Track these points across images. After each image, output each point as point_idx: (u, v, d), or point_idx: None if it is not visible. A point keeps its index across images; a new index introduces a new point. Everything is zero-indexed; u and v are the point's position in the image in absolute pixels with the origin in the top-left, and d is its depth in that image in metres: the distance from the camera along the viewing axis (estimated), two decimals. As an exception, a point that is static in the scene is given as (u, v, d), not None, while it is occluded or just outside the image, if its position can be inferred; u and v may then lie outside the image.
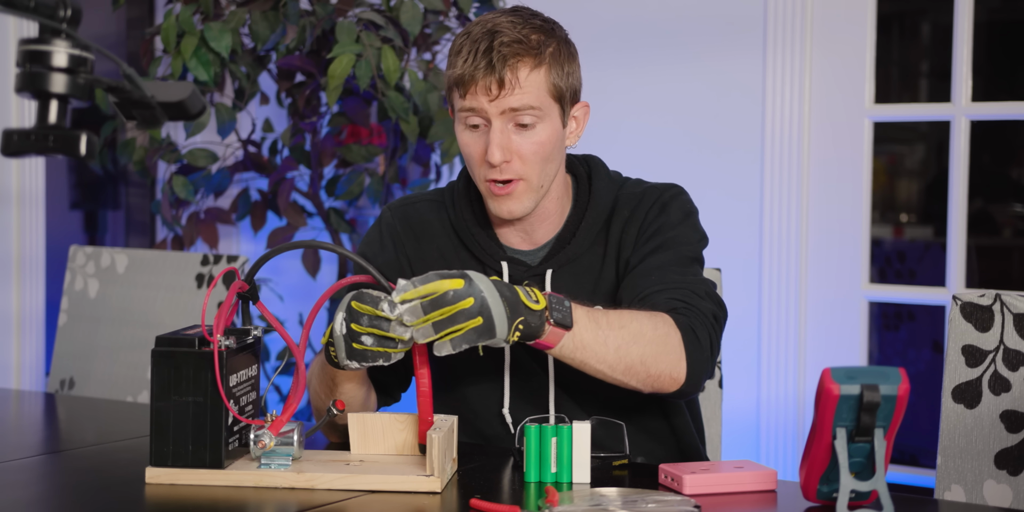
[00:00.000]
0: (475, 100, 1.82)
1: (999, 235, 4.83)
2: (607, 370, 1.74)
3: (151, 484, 1.63)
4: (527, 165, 1.84)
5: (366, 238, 2.04)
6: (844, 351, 3.27)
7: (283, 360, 3.44)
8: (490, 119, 1.82)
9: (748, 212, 3.31)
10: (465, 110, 1.84)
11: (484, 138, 1.84)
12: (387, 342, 1.64)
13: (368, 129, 3.41)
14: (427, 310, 1.58)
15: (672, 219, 1.92)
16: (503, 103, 1.81)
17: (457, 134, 1.89)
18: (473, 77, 1.81)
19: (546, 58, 1.83)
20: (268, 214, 3.52)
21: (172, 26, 3.20)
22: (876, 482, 1.46)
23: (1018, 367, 1.88)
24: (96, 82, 1.29)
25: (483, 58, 1.80)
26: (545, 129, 1.85)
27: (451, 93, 1.87)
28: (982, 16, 3.27)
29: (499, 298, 1.60)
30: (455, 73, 1.83)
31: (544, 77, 1.83)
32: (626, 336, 1.72)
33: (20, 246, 4.04)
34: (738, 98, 3.33)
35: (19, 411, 2.41)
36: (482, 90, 1.81)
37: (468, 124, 1.85)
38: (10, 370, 4.04)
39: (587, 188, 1.96)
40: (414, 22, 3.15)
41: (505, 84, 1.80)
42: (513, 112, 1.82)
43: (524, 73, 1.81)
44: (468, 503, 1.54)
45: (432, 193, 2.04)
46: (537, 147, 1.84)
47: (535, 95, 1.82)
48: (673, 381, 1.77)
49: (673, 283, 1.85)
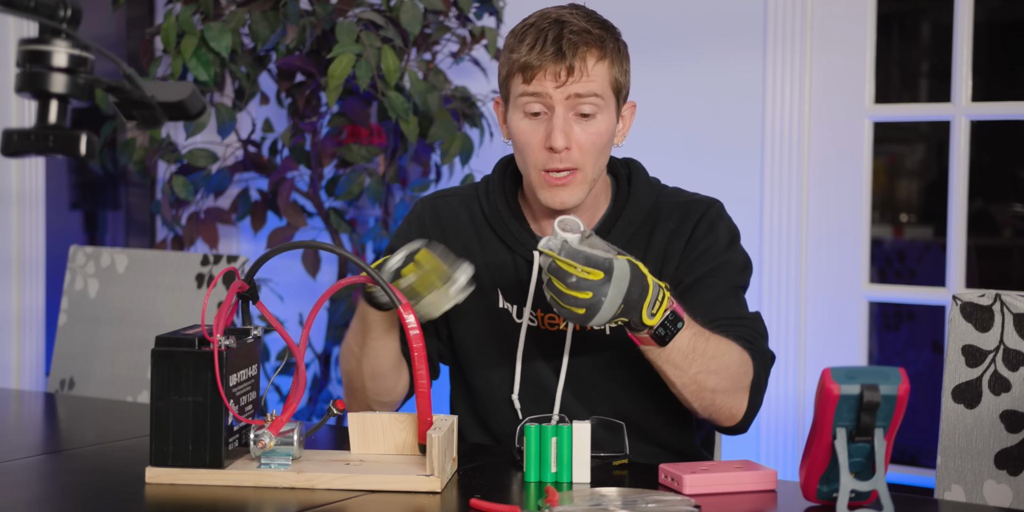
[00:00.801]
0: (541, 85, 1.84)
1: (999, 235, 4.83)
2: (678, 384, 1.80)
3: (151, 484, 1.64)
4: (585, 155, 1.87)
5: (397, 230, 2.07)
6: (844, 351, 3.27)
7: (283, 360, 3.44)
8: (553, 106, 1.85)
9: (748, 212, 3.31)
10: (528, 95, 1.86)
11: (544, 126, 1.87)
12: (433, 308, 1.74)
13: (368, 129, 3.41)
14: (555, 273, 1.63)
15: (720, 241, 1.96)
16: (569, 89, 1.84)
17: (512, 123, 1.90)
18: (541, 62, 1.84)
19: (609, 51, 1.88)
20: (268, 214, 3.52)
21: (172, 26, 3.20)
22: (876, 482, 1.46)
23: (1018, 367, 1.88)
24: (96, 82, 1.29)
25: (552, 45, 1.83)
26: (604, 121, 1.88)
27: (511, 79, 1.88)
28: (982, 16, 3.27)
29: (619, 303, 1.64)
30: (520, 58, 1.85)
31: (607, 69, 1.87)
32: (712, 365, 1.79)
33: (20, 246, 4.04)
34: (738, 98, 3.34)
35: (19, 411, 2.41)
36: (551, 76, 1.84)
37: (528, 111, 1.87)
38: (10, 370, 4.04)
39: (627, 189, 1.99)
40: (414, 22, 3.15)
41: (574, 71, 1.84)
42: (577, 98, 1.85)
43: (591, 62, 1.85)
44: (468, 503, 1.54)
45: (466, 187, 2.08)
46: (596, 138, 1.87)
47: (599, 84, 1.86)
48: (731, 417, 1.87)
49: (737, 317, 1.90)
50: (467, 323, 1.99)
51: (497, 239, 1.99)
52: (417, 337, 1.67)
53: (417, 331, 1.68)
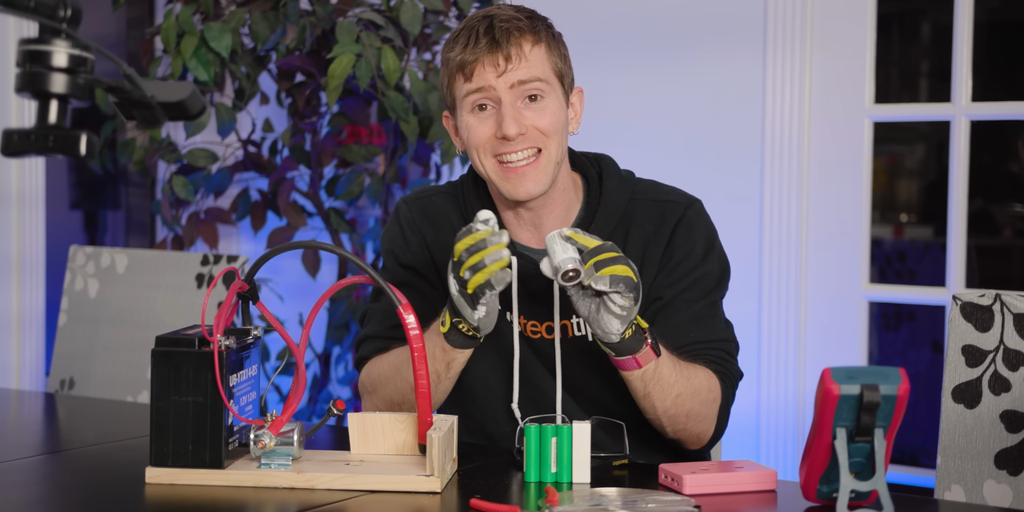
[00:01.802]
0: (483, 78, 1.84)
1: (999, 235, 4.83)
2: (659, 409, 1.83)
3: (151, 484, 1.63)
4: (546, 136, 1.86)
5: (387, 234, 2.04)
6: (844, 351, 3.27)
7: (283, 360, 3.44)
8: (499, 97, 1.84)
9: (748, 212, 3.31)
10: (472, 92, 1.85)
11: (493, 117, 1.86)
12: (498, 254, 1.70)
13: (368, 129, 3.41)
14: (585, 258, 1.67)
15: (698, 249, 1.95)
16: (512, 77, 1.84)
17: (462, 124, 1.89)
18: (477, 56, 1.83)
19: (543, 37, 1.87)
20: (268, 214, 3.52)
21: (172, 26, 3.20)
22: (876, 482, 1.46)
23: (1018, 367, 1.88)
24: (96, 82, 1.29)
25: (485, 36, 1.84)
26: (553, 103, 1.87)
27: (453, 83, 1.88)
28: (982, 16, 3.27)
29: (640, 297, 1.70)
30: (456, 57, 1.85)
31: (545, 53, 1.87)
32: (688, 388, 1.83)
33: (20, 246, 4.04)
34: (738, 98, 3.33)
35: (19, 411, 2.41)
36: (490, 67, 1.83)
37: (475, 106, 1.86)
38: (10, 370, 4.04)
39: (598, 189, 1.97)
40: (414, 22, 3.15)
41: (512, 57, 1.83)
42: (522, 85, 1.84)
43: (527, 47, 1.85)
44: (468, 503, 1.54)
45: (445, 186, 2.05)
46: (551, 118, 1.86)
47: (540, 69, 1.86)
48: (697, 440, 1.91)
49: (711, 340, 1.92)
50: None
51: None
52: (417, 337, 1.67)
53: (417, 331, 1.68)
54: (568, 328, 1.93)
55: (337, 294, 3.45)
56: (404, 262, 1.99)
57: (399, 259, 2.00)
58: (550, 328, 1.93)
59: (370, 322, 2.00)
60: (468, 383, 1.97)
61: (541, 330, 1.93)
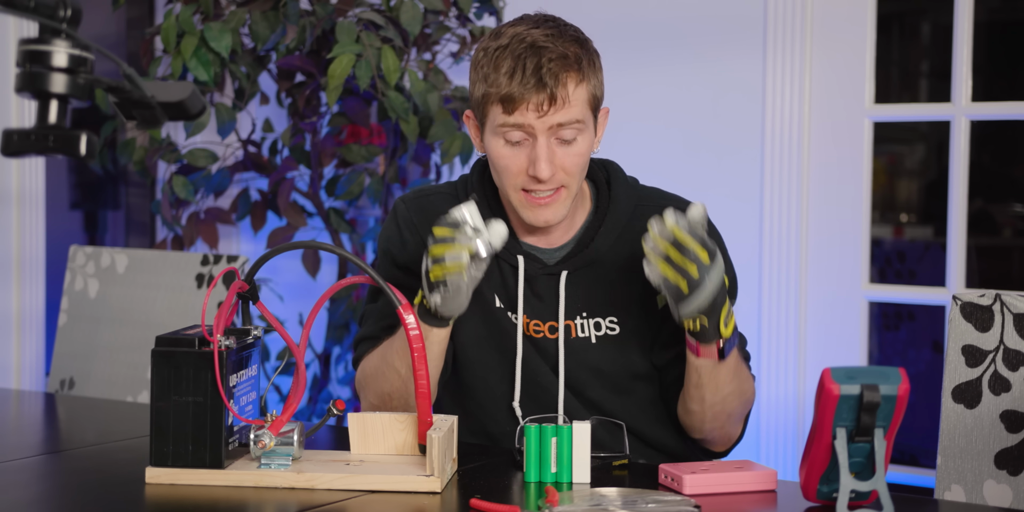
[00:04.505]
0: (523, 117, 1.81)
1: (999, 235, 4.83)
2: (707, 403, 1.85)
3: (151, 484, 1.64)
4: (569, 176, 1.86)
5: (384, 233, 2.03)
6: (844, 351, 3.27)
7: (283, 360, 3.44)
8: (536, 135, 1.82)
9: (748, 212, 3.31)
10: (508, 126, 1.83)
11: (525, 153, 1.84)
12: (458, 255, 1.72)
13: (368, 129, 3.41)
14: (675, 245, 1.69)
15: None
16: (551, 119, 1.81)
17: (491, 147, 1.87)
18: (523, 94, 1.80)
19: (586, 72, 1.85)
20: (268, 214, 3.52)
21: (172, 26, 3.20)
22: (876, 482, 1.47)
23: (1018, 367, 1.88)
24: (96, 82, 1.29)
25: (532, 76, 1.80)
26: (585, 141, 1.86)
27: (488, 106, 1.84)
28: (982, 16, 3.27)
29: (713, 294, 1.72)
30: (500, 90, 1.81)
31: (586, 90, 1.85)
32: (737, 388, 1.86)
33: (20, 246, 4.04)
34: (738, 98, 3.33)
35: (19, 411, 2.41)
36: (532, 106, 1.80)
37: (508, 139, 1.84)
38: (10, 370, 4.04)
39: (607, 194, 1.97)
40: (414, 22, 3.15)
41: (556, 100, 1.80)
42: (559, 127, 1.82)
43: (572, 87, 1.82)
44: (468, 503, 1.54)
45: (444, 186, 2.05)
46: (579, 159, 1.86)
47: (580, 109, 1.84)
48: (728, 441, 1.96)
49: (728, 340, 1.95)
50: (465, 324, 1.98)
51: None
52: (417, 337, 1.67)
53: (417, 331, 1.68)
54: (571, 329, 1.93)
55: (337, 294, 3.45)
56: (400, 262, 1.99)
57: (395, 259, 2.00)
58: (553, 328, 1.93)
59: (366, 323, 2.01)
60: (470, 382, 1.97)
61: (544, 329, 1.94)
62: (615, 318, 1.93)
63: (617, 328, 1.93)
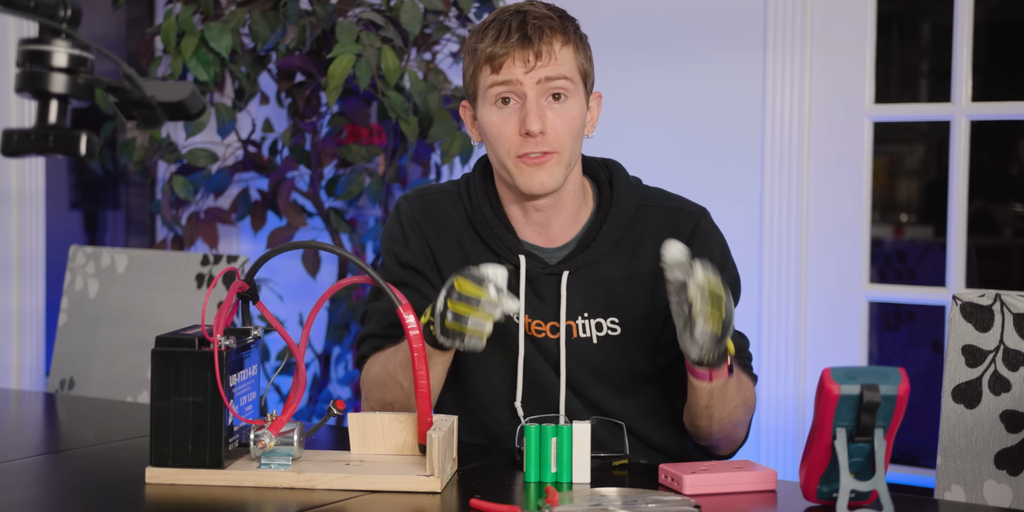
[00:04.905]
0: (510, 72, 1.85)
1: (999, 235, 4.83)
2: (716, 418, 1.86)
3: (151, 484, 1.64)
4: (561, 139, 1.87)
5: (387, 232, 2.04)
6: (844, 351, 3.27)
7: (283, 360, 3.44)
8: (524, 92, 1.85)
9: (748, 212, 3.31)
10: (498, 85, 1.86)
11: (516, 113, 1.86)
12: (482, 323, 1.71)
13: (368, 129, 3.41)
14: (714, 299, 1.66)
15: (715, 258, 1.95)
16: (539, 73, 1.85)
17: (483, 117, 1.90)
18: (508, 50, 1.85)
19: (573, 37, 1.89)
20: (268, 214, 3.52)
21: (172, 26, 3.20)
22: (876, 482, 1.47)
23: (1018, 367, 1.88)
24: (96, 82, 1.29)
25: (517, 31, 1.85)
26: (575, 105, 1.89)
27: (478, 73, 1.89)
28: (982, 16, 3.27)
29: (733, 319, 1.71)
30: (486, 49, 1.86)
31: (573, 54, 1.89)
32: (742, 398, 1.88)
33: (20, 246, 4.04)
34: (738, 98, 3.33)
35: (19, 411, 2.41)
36: (519, 61, 1.85)
37: (499, 99, 1.87)
38: (10, 370, 4.04)
39: (609, 193, 1.97)
40: (414, 22, 3.15)
41: (542, 55, 1.85)
42: (548, 82, 1.86)
43: (557, 46, 1.86)
44: (468, 503, 1.54)
45: (448, 184, 2.05)
46: (570, 121, 1.88)
47: (568, 68, 1.87)
48: (733, 446, 1.97)
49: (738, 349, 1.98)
50: None
51: (482, 242, 1.97)
52: (417, 337, 1.67)
53: (417, 331, 1.68)
54: (573, 329, 1.93)
55: (337, 294, 3.45)
56: (404, 261, 1.99)
57: (399, 258, 2.00)
58: (554, 328, 1.93)
59: (370, 321, 2.01)
60: (471, 382, 1.97)
61: (546, 330, 1.94)
62: (616, 319, 1.93)
63: (618, 329, 1.93)
